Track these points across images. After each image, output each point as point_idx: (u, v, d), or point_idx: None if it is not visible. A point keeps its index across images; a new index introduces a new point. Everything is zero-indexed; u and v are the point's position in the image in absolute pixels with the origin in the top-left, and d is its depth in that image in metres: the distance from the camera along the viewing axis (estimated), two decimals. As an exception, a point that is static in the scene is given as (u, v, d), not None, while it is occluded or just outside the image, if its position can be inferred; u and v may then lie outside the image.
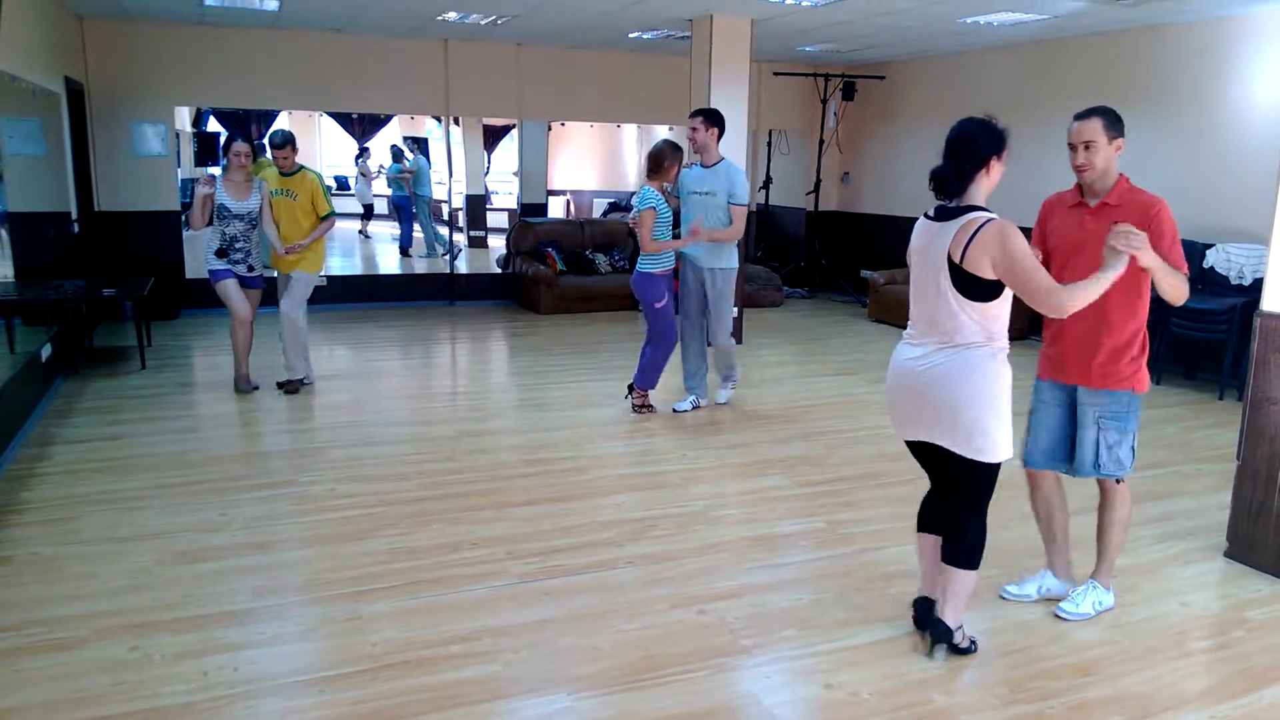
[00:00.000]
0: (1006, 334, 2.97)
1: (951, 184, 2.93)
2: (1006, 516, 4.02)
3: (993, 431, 2.95)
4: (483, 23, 8.68)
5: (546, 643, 3.25)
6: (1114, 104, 3.48)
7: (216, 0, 7.69)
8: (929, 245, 2.98)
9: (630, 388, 6.24)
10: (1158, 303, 3.35)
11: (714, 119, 5.92)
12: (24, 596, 3.50)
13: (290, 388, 6.44)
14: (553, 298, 10.07)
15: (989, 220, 2.85)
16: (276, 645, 3.20)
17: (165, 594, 3.53)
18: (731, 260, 6.02)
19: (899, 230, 4.23)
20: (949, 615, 3.15)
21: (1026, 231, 3.03)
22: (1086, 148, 3.28)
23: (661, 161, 5.81)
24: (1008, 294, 2.90)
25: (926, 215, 3.04)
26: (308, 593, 3.59)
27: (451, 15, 8.29)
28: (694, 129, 5.91)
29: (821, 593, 3.67)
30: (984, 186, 2.95)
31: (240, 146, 6.18)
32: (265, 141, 6.49)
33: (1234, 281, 7.06)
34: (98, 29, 8.73)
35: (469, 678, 3.02)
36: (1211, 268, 7.22)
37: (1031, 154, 8.82)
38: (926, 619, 3.22)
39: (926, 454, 3.15)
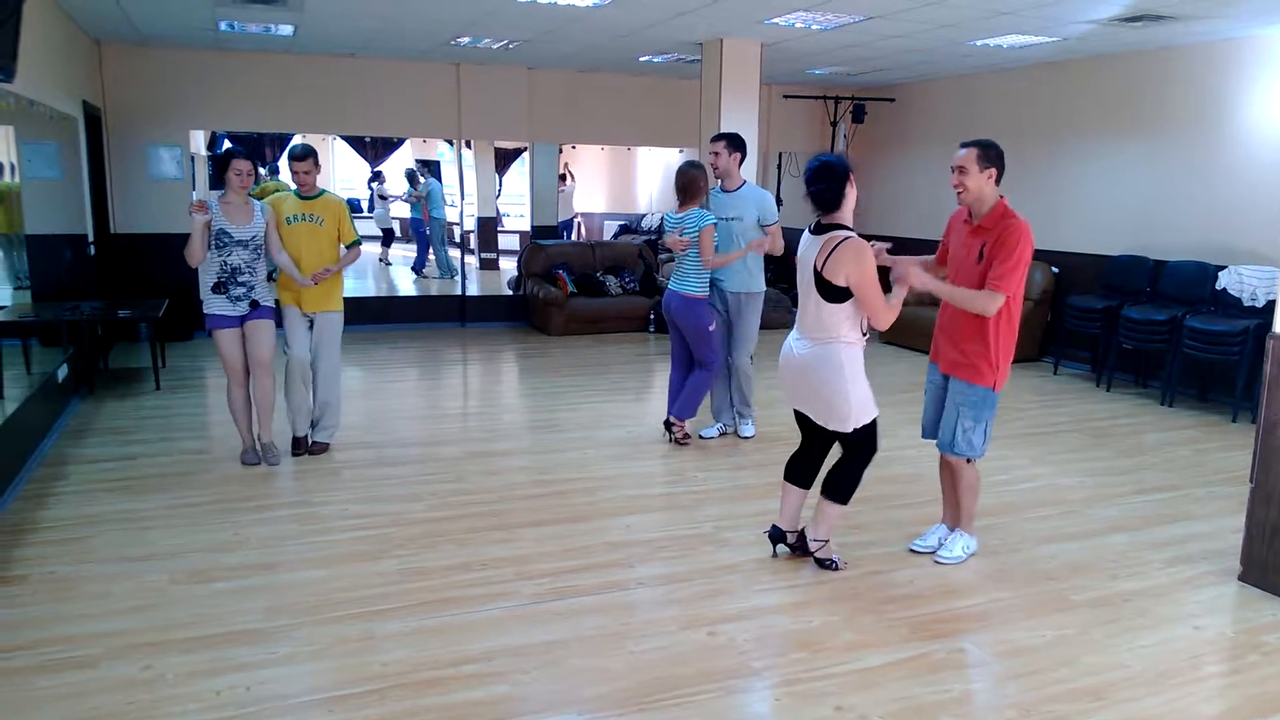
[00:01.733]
0: (857, 331, 3.74)
1: (827, 199, 3.69)
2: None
3: (845, 407, 3.75)
4: (494, 47, 8.76)
5: (557, 663, 3.25)
6: (1122, 126, 3.84)
7: (232, 25, 7.79)
8: (804, 254, 3.77)
9: (668, 424, 6.02)
10: (1170, 323, 3.55)
11: (736, 143, 5.83)
12: (38, 615, 3.52)
13: (318, 449, 5.69)
14: (563, 319, 10.10)
15: (848, 238, 3.62)
16: (288, 665, 3.21)
17: (178, 613, 3.55)
18: (756, 285, 5.94)
19: (909, 251, 4.31)
20: (818, 531, 4.00)
21: (1052, 256, 3.06)
22: (960, 172, 3.84)
23: (699, 184, 5.67)
24: (857, 300, 3.66)
25: (809, 229, 3.79)
26: (319, 613, 3.60)
27: (464, 40, 8.38)
28: (715, 154, 5.83)
29: (831, 614, 3.67)
30: (846, 207, 3.72)
31: (242, 164, 5.23)
32: (286, 159, 5.91)
33: (1246, 303, 7.04)
34: (115, 54, 8.86)
35: (479, 698, 3.02)
36: (1224, 289, 7.20)
37: (1042, 174, 8.85)
38: (777, 541, 4.12)
39: (803, 421, 4.00)
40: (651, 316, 10.34)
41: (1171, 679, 3.24)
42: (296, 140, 14.05)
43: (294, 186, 5.56)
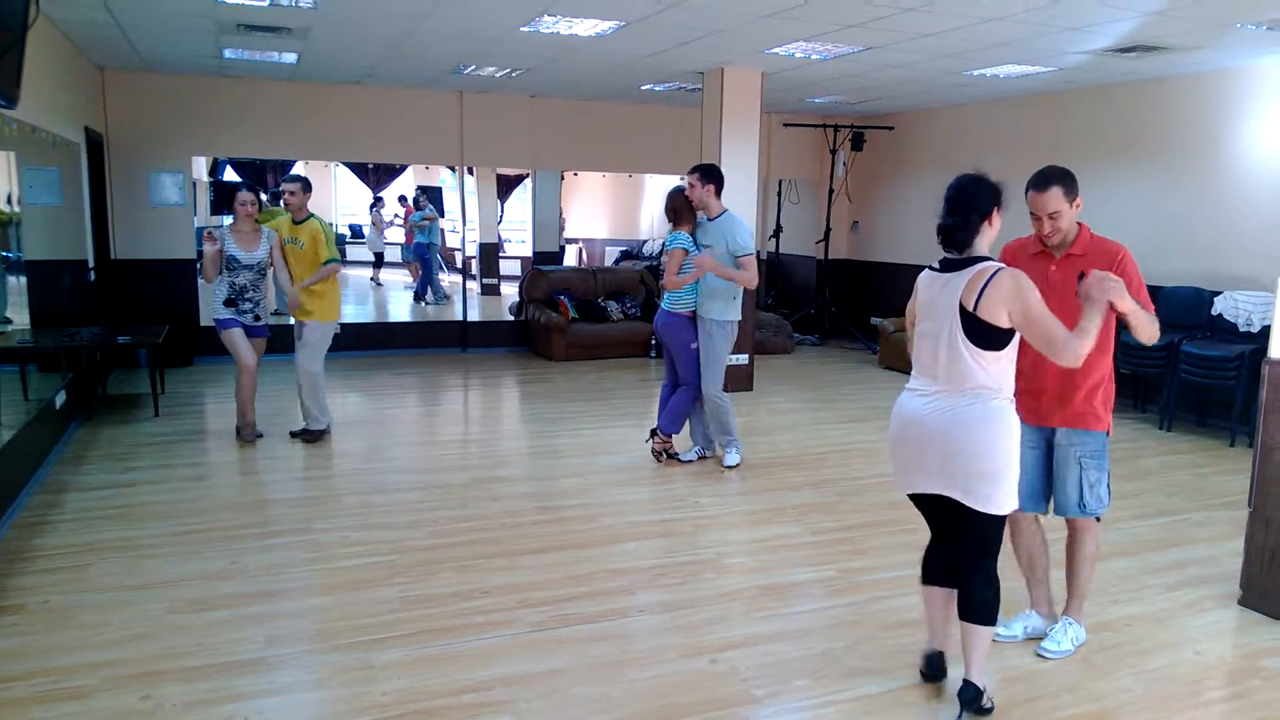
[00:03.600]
0: (1012, 383, 2.99)
1: (959, 236, 2.99)
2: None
3: (1004, 481, 2.96)
4: (497, 75, 8.84)
5: (558, 692, 3.23)
6: (1120, 154, 3.61)
7: (235, 53, 7.86)
8: (938, 296, 3.02)
9: (653, 432, 6.16)
10: (1167, 348, 3.42)
11: (709, 175, 5.87)
12: (35, 645, 3.50)
13: (309, 438, 6.41)
14: (565, 345, 10.12)
15: (1000, 269, 2.90)
16: (288, 694, 3.19)
17: (176, 642, 3.53)
18: (724, 313, 5.85)
19: (909, 278, 4.23)
20: (975, 675, 3.10)
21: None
22: (1052, 218, 3.34)
23: (685, 208, 5.87)
24: (1015, 344, 2.95)
25: (932, 268, 3.10)
26: (319, 641, 3.59)
27: (467, 68, 8.45)
28: (691, 185, 5.88)
29: (834, 642, 3.65)
30: (988, 238, 3.02)
31: (245, 196, 6.17)
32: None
33: (1242, 328, 7.07)
34: (118, 80, 8.92)
35: (480, 728, 3.01)
36: (1220, 315, 7.24)
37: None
38: (937, 673, 3.25)
39: (932, 506, 3.14)
40: (653, 342, 10.36)
41: (1173, 704, 3.23)
42: (298, 167, 14.16)
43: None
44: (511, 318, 11.21)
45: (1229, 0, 5.33)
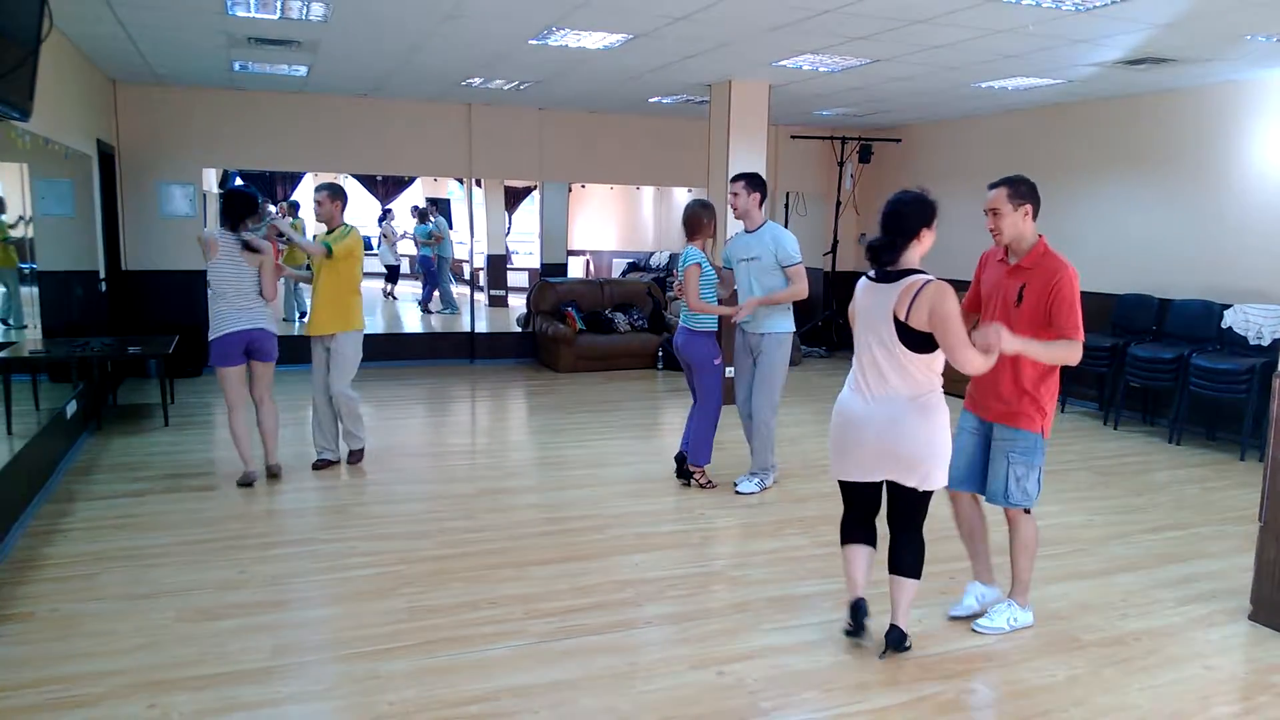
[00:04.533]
0: (941, 379, 3.38)
1: (885, 255, 3.33)
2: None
3: (939, 464, 3.39)
4: (505, 88, 8.88)
5: (566, 703, 3.23)
6: (1127, 166, 3.71)
7: (246, 66, 7.91)
8: (873, 305, 3.38)
9: (689, 473, 5.88)
10: (1178, 361, 3.46)
11: (755, 183, 5.62)
12: (43, 653, 3.51)
13: (353, 459, 6.17)
14: (572, 356, 10.13)
15: (928, 281, 3.26)
16: (295, 704, 3.19)
17: (184, 652, 3.53)
18: (782, 325, 5.63)
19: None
20: (901, 619, 3.56)
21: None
22: (993, 214, 3.69)
23: (700, 221, 5.61)
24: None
25: (869, 276, 3.45)
26: (327, 651, 3.59)
27: (475, 81, 8.50)
28: (734, 194, 5.64)
29: (841, 654, 3.64)
30: (917, 253, 3.35)
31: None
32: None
33: (1253, 342, 7.04)
34: (130, 93, 8.99)
35: (486, 739, 3.01)
36: (1230, 328, 7.21)
37: (1048, 214, 8.83)
38: (861, 618, 3.64)
39: (862, 490, 3.58)
40: (660, 354, 10.37)
41: (1183, 719, 3.21)
42: (308, 178, 14.18)
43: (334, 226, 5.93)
44: (519, 329, 11.23)
45: (1239, 12, 5.33)
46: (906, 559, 3.53)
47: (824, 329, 11.87)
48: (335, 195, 5.91)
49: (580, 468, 6.37)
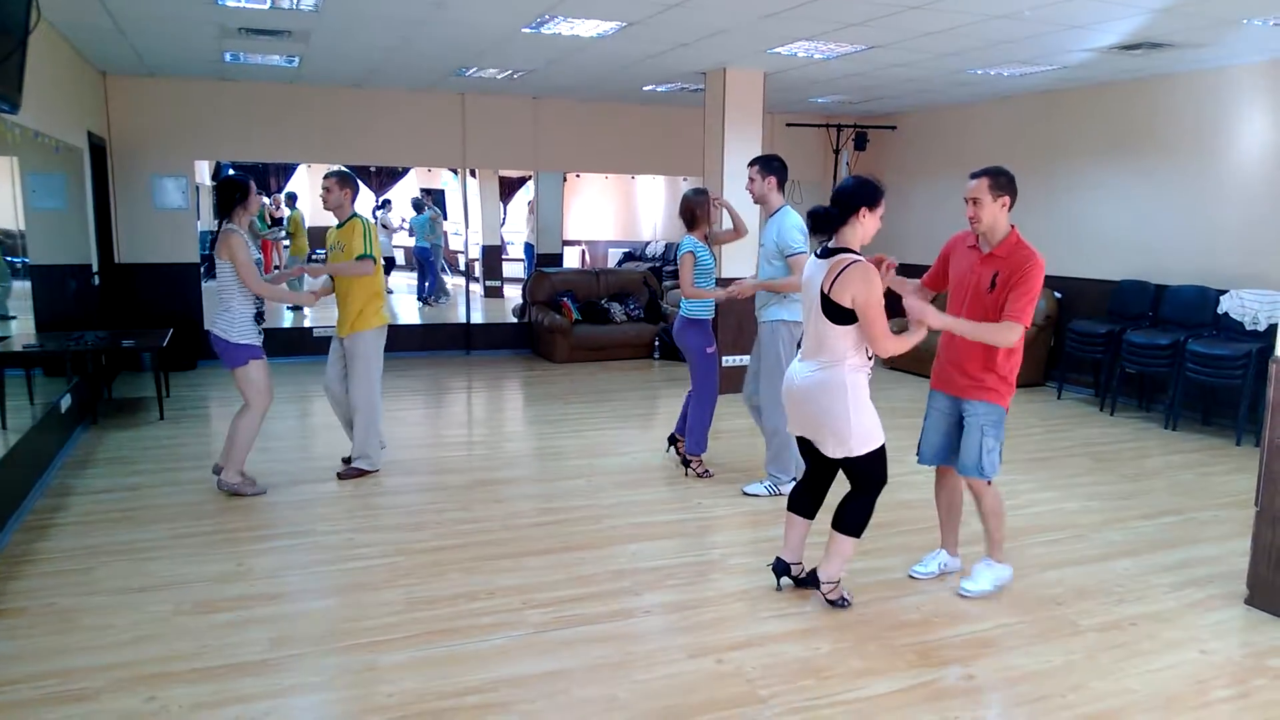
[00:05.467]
0: (862, 354, 3.66)
1: (821, 224, 3.68)
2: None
3: (847, 432, 3.66)
4: (499, 77, 8.84)
5: (563, 693, 3.23)
6: (1122, 152, 3.81)
7: (237, 56, 7.87)
8: (811, 279, 3.71)
9: (686, 461, 5.90)
10: (1174, 347, 3.48)
11: (769, 166, 5.33)
12: (40, 647, 3.50)
13: (354, 473, 5.79)
14: (568, 347, 10.12)
15: (855, 261, 3.55)
16: (294, 696, 3.19)
17: (181, 645, 3.53)
18: (779, 313, 5.36)
19: (912, 276, 4.30)
20: (824, 571, 3.90)
21: (1054, 282, 3.05)
22: (974, 204, 3.82)
23: (693, 212, 5.59)
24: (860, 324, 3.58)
25: (815, 254, 3.73)
26: (324, 643, 3.59)
27: (469, 70, 8.46)
28: (750, 179, 5.37)
29: (838, 642, 3.65)
30: (858, 232, 3.64)
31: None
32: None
33: (1249, 327, 7.05)
34: (120, 85, 8.94)
35: (485, 729, 3.00)
36: (1226, 313, 7.22)
37: (1043, 200, 8.88)
38: (780, 571, 4.05)
39: (808, 449, 3.89)
40: (656, 343, 10.36)
41: (1179, 704, 3.22)
42: (295, 182, 14.10)
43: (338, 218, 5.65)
44: (515, 320, 11.21)
45: (1233, -3, 5.32)
46: (846, 515, 3.83)
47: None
48: (344, 182, 5.56)
49: (577, 458, 6.37)
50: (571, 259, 15.98)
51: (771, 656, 3.52)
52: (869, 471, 3.77)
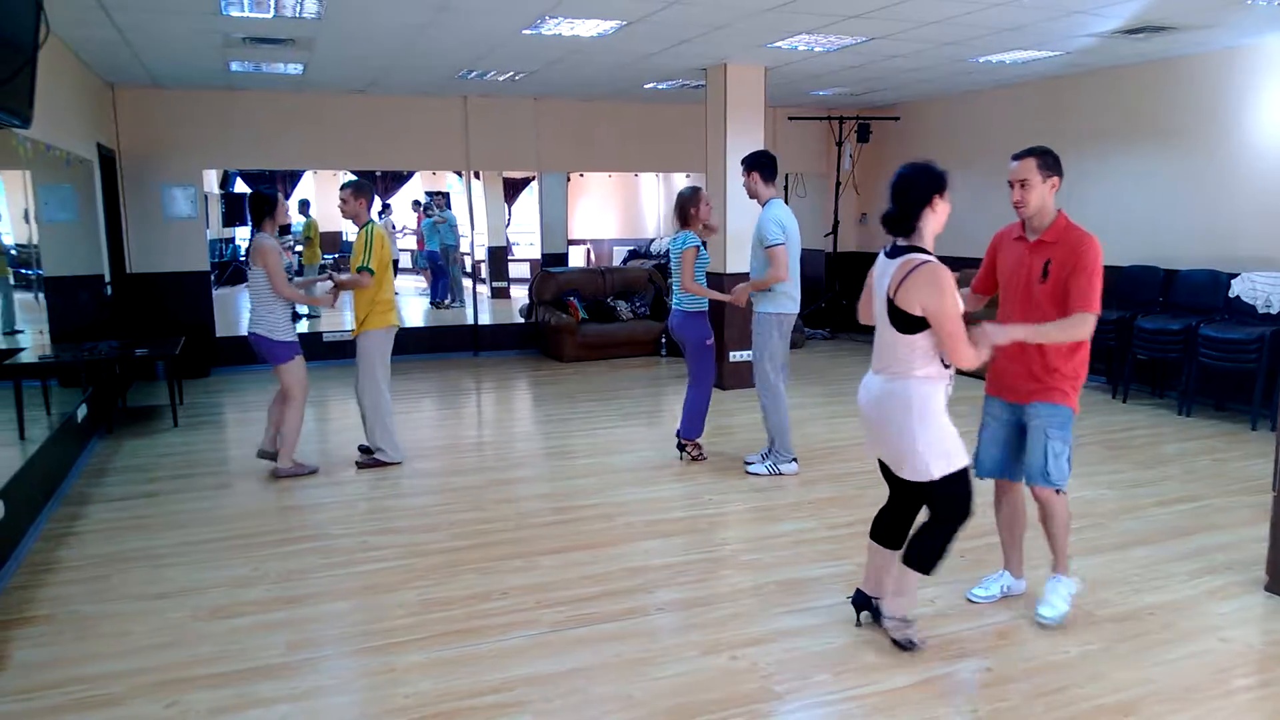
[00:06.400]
0: (935, 364, 3.22)
1: (899, 226, 3.26)
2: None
3: (923, 454, 3.23)
4: (501, 79, 8.85)
5: (579, 691, 3.24)
6: (1127, 137, 3.66)
7: (242, 65, 7.90)
8: (879, 281, 3.33)
9: (682, 446, 6.12)
10: (1185, 332, 3.41)
11: (751, 163, 5.67)
12: (62, 654, 3.54)
13: (369, 462, 6.11)
14: (575, 345, 10.13)
15: (924, 262, 3.14)
16: (312, 699, 3.21)
17: (200, 649, 3.56)
18: (771, 305, 5.66)
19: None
20: (888, 605, 3.50)
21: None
22: (1022, 186, 3.52)
23: (686, 209, 5.82)
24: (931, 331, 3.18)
25: (884, 252, 3.34)
26: (341, 645, 3.61)
27: (471, 73, 8.47)
28: (742, 178, 5.75)
29: (853, 636, 3.64)
30: (931, 224, 3.26)
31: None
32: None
33: (1261, 310, 7.01)
34: (128, 96, 8.99)
35: (503, 728, 3.02)
36: (1237, 297, 7.18)
37: (1049, 190, 8.84)
38: (859, 603, 3.65)
39: (887, 471, 3.48)
40: (663, 340, 10.37)
41: (1199, 693, 3.21)
42: (308, 176, 14.13)
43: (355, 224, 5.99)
44: (522, 320, 11.23)
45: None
46: (913, 546, 3.41)
47: (827, 310, 11.84)
48: (359, 192, 5.87)
49: (587, 456, 6.38)
50: (577, 258, 16.00)
51: (786, 652, 3.52)
52: (946, 498, 3.31)
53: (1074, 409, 3.62)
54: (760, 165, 5.67)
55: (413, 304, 14.76)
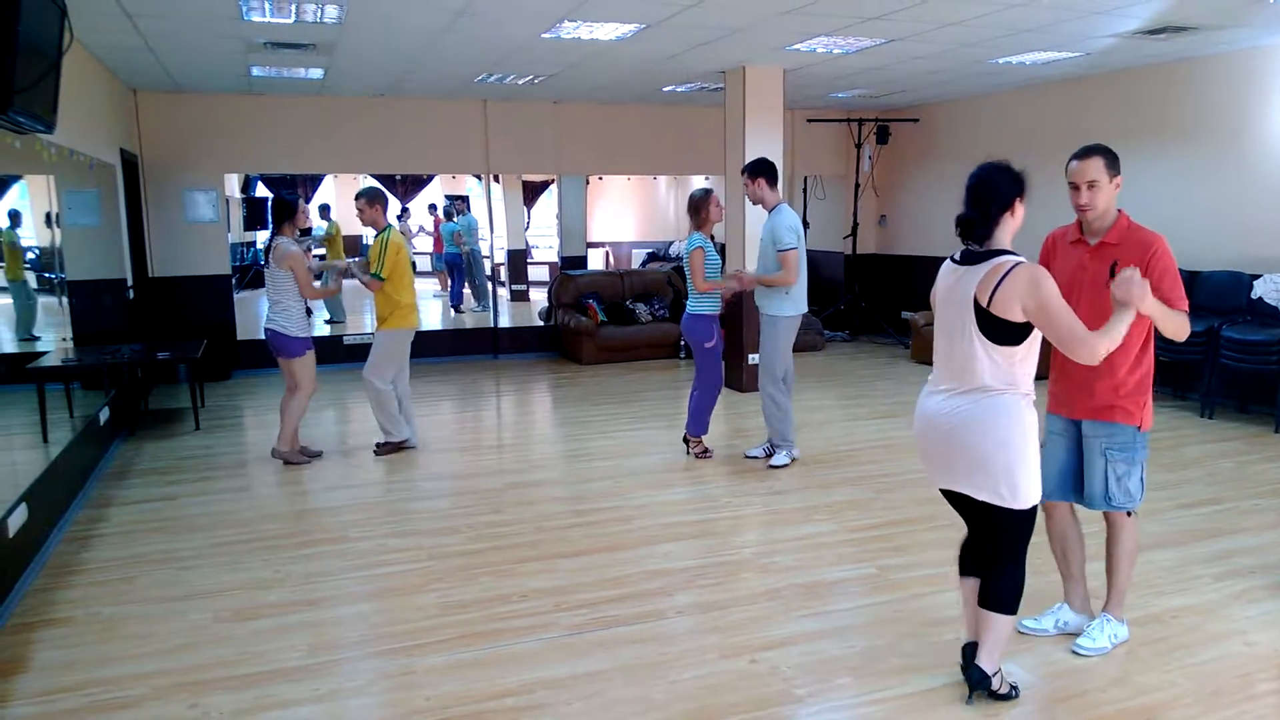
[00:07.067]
0: (1031, 380, 2.96)
1: (979, 230, 2.94)
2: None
3: (1019, 478, 2.92)
4: (520, 83, 8.88)
5: (598, 694, 3.24)
6: (1148, 138, 3.54)
7: (264, 70, 7.96)
8: (954, 289, 2.99)
9: (686, 440, 6.32)
10: (1206, 334, 3.34)
11: (754, 169, 5.86)
12: (84, 656, 3.57)
13: (380, 450, 6.44)
14: (594, 348, 10.15)
15: (1018, 264, 2.85)
16: (332, 701, 3.23)
17: (221, 652, 3.58)
18: (778, 308, 5.84)
19: (937, 271, 4.20)
20: (985, 660, 3.11)
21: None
22: (1090, 187, 3.29)
23: (697, 210, 5.94)
24: (1034, 340, 2.90)
25: (952, 259, 3.05)
26: (361, 648, 3.63)
27: (490, 77, 8.50)
28: (745, 185, 5.93)
29: (875, 639, 3.63)
30: (1009, 229, 2.96)
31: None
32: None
33: (1285, 312, 6.94)
34: (150, 101, 9.07)
35: (522, 731, 3.02)
36: (1260, 298, 7.11)
37: (1066, 191, 8.78)
38: (975, 654, 3.16)
39: (960, 500, 3.11)
40: (682, 343, 10.37)
41: (1224, 697, 3.18)
42: (329, 180, 14.19)
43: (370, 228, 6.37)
44: (541, 323, 11.26)
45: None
46: (994, 591, 3.08)
47: (847, 312, 11.80)
48: (373, 200, 6.17)
49: (606, 459, 6.38)
50: (595, 261, 16.02)
51: (806, 655, 3.51)
52: (1018, 529, 3.03)
53: (1138, 426, 3.37)
54: (765, 171, 5.86)
55: (429, 307, 14.81)
